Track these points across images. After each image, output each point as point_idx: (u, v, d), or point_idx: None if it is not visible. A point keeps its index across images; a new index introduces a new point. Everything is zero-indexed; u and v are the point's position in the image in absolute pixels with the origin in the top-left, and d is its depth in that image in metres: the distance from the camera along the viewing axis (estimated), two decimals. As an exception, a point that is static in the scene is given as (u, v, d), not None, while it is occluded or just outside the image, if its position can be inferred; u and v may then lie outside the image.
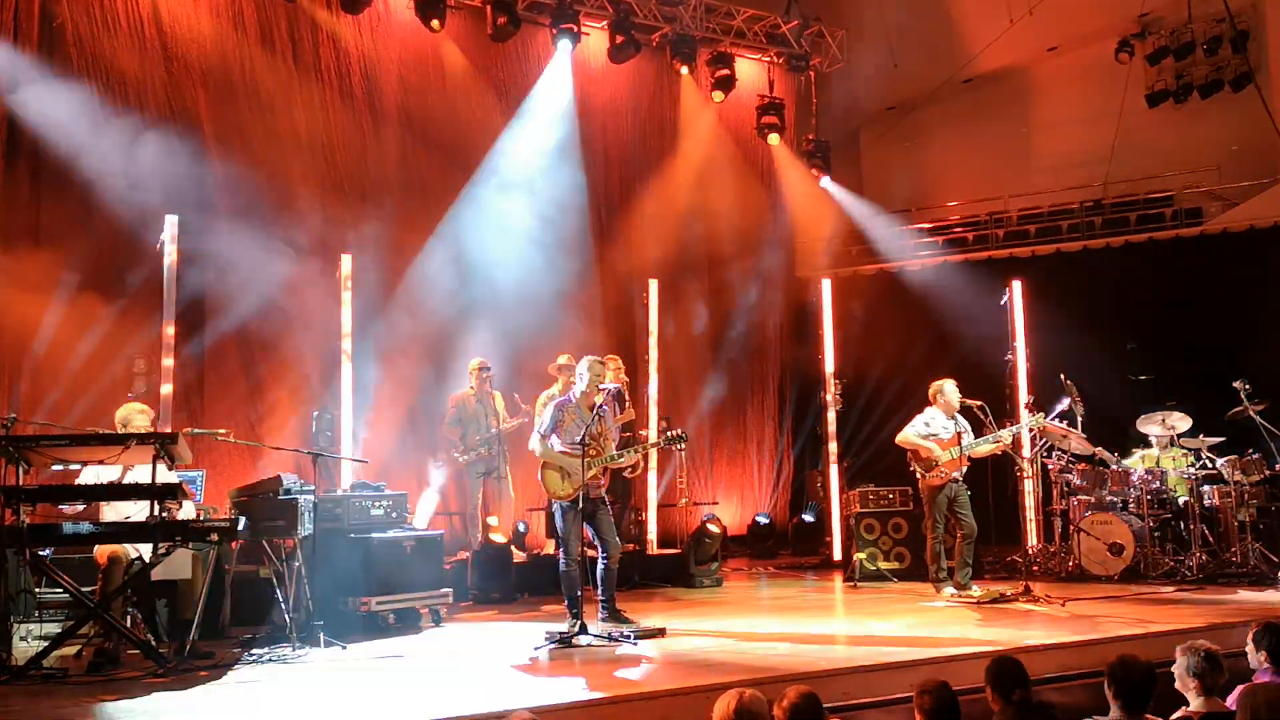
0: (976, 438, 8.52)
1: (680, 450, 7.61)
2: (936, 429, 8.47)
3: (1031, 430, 9.43)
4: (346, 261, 9.64)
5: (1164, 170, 14.29)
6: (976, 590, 8.25)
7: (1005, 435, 8.55)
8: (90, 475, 6.32)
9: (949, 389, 8.53)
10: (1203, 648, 4.22)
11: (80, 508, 6.25)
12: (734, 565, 11.40)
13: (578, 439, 6.76)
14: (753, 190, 13.52)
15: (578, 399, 7.07)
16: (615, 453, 7.10)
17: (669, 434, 7.38)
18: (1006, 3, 13.73)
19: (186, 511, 6.44)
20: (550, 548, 9.66)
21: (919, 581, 9.08)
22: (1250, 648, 4.57)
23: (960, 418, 8.55)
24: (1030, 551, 10.10)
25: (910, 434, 8.53)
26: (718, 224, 13.02)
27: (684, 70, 12.63)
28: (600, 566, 7.08)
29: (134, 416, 6.53)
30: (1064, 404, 9.83)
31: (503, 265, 11.16)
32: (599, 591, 7.08)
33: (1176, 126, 14.77)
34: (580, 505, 6.79)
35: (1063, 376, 9.94)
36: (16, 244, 8.76)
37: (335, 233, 10.10)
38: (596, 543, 7.13)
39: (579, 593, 6.81)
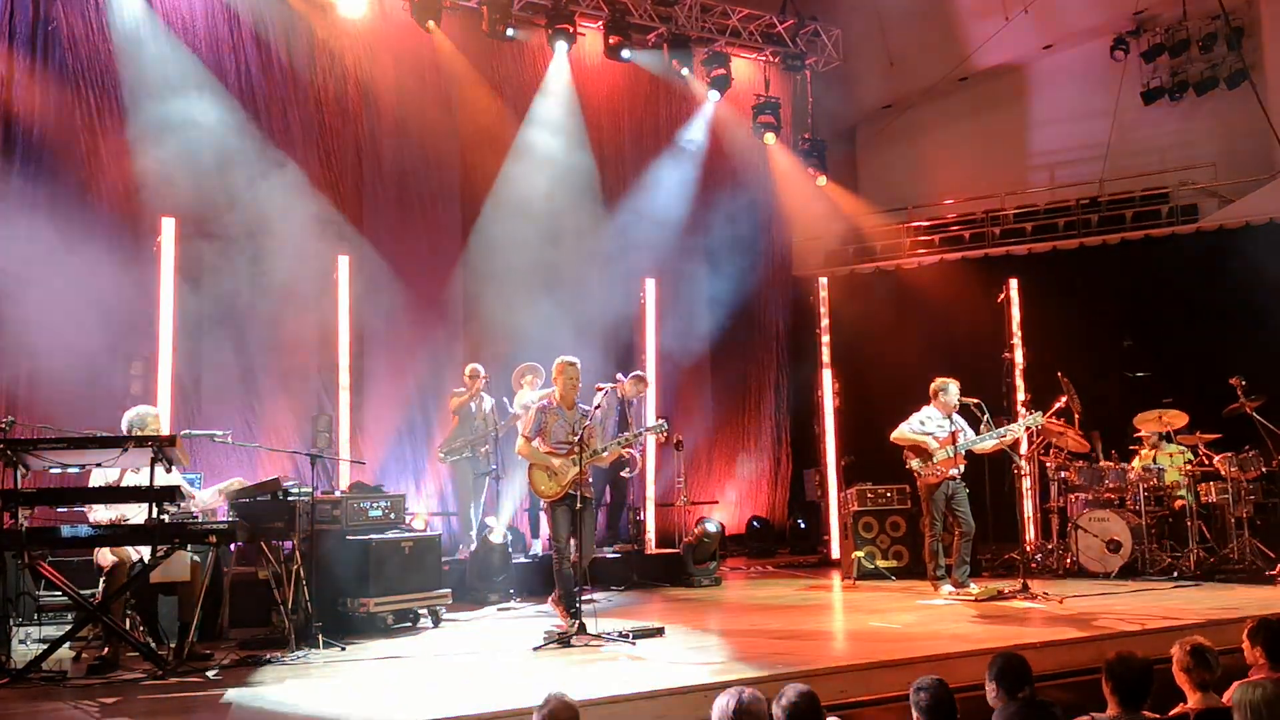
0: (975, 435, 8.53)
1: (662, 437, 7.70)
2: (932, 428, 8.48)
3: (1029, 429, 9.46)
4: (344, 262, 9.65)
5: (1160, 167, 14.30)
6: (975, 588, 8.26)
7: (1016, 428, 8.55)
8: (100, 477, 6.32)
9: (952, 389, 8.51)
10: (1198, 644, 4.23)
11: (102, 510, 6.26)
12: (732, 564, 11.41)
13: (562, 439, 6.97)
14: (749, 190, 13.52)
15: (558, 401, 7.21)
16: (598, 448, 7.19)
17: (651, 425, 7.51)
18: (1002, 1, 13.75)
19: (202, 499, 6.46)
20: (537, 548, 9.69)
21: (917, 579, 9.09)
22: (1245, 644, 4.58)
23: (957, 417, 8.56)
24: (1028, 549, 10.12)
25: (905, 430, 8.55)
26: (714, 223, 13.02)
27: (680, 70, 12.63)
28: (574, 568, 7.16)
29: (149, 420, 6.52)
30: (1061, 402, 9.86)
31: (499, 264, 11.17)
32: (563, 587, 7.17)
33: (1172, 124, 14.77)
34: (570, 503, 6.93)
35: (1060, 374, 9.97)
36: (13, 245, 8.76)
37: (333, 234, 10.10)
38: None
39: (574, 590, 6.90)
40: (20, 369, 8.82)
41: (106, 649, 6.02)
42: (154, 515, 5.82)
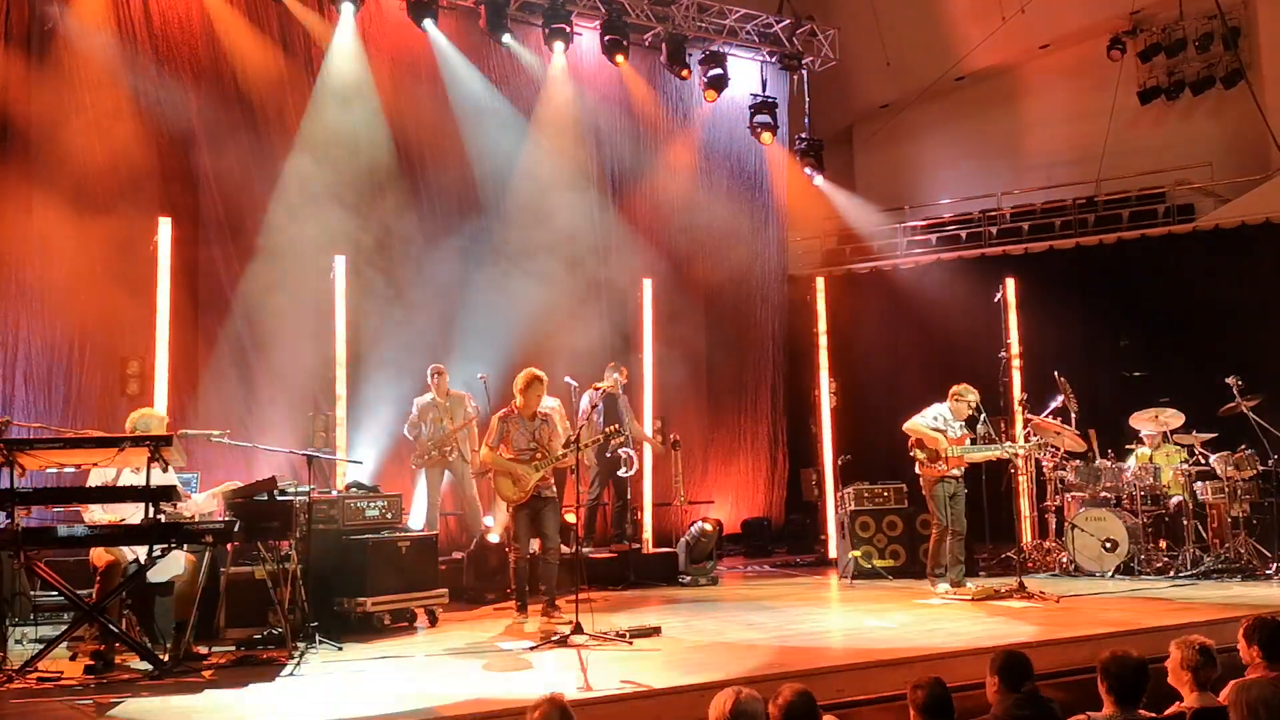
0: (972, 438, 8.53)
1: (615, 439, 7.94)
2: (942, 425, 8.49)
3: (1028, 453, 9.50)
4: (340, 262, 9.64)
5: (1156, 167, 14.32)
6: (971, 585, 8.27)
7: (1012, 448, 8.61)
8: (98, 477, 6.31)
9: (971, 398, 8.52)
10: (1197, 642, 4.24)
11: (98, 511, 6.24)
12: (729, 564, 11.41)
13: (524, 446, 7.39)
14: (746, 189, 13.52)
15: (518, 410, 7.52)
16: (559, 453, 7.45)
17: (606, 430, 7.92)
18: (999, 1, 13.77)
19: (197, 503, 6.46)
20: (533, 546, 9.69)
21: (914, 579, 9.10)
22: (1241, 643, 4.58)
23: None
24: (1025, 548, 10.14)
25: (920, 423, 8.53)
26: (711, 223, 13.02)
27: (676, 70, 12.62)
28: (541, 561, 7.59)
29: (153, 424, 6.50)
30: (1058, 401, 9.87)
31: (498, 263, 11.16)
32: (540, 582, 7.59)
33: (1168, 123, 14.82)
34: (533, 504, 7.39)
35: (1057, 374, 9.98)
36: (9, 246, 8.75)
37: (329, 233, 10.08)
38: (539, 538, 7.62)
39: (525, 586, 7.50)
40: (16, 368, 8.81)
41: (103, 649, 6.00)
42: (150, 515, 5.81)
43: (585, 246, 11.92)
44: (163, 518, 5.86)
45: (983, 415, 8.57)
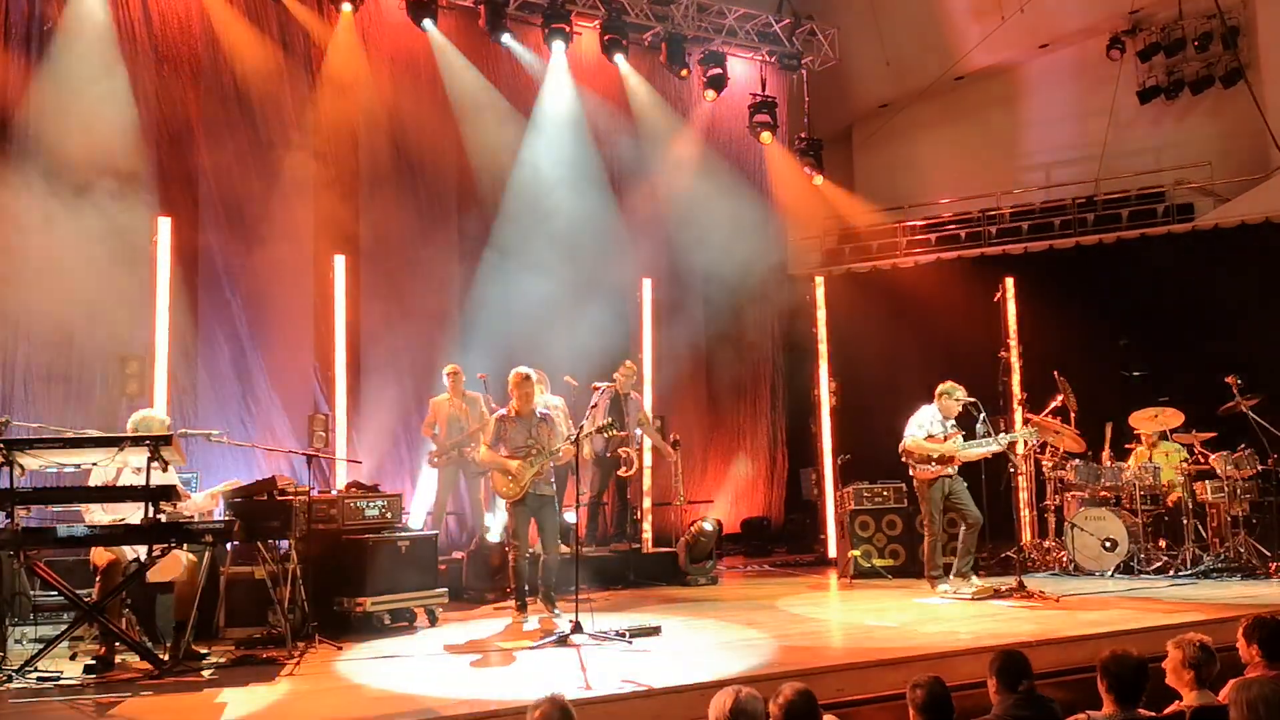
0: (968, 437, 8.51)
1: (608, 433, 7.96)
2: (934, 429, 8.47)
3: (1029, 444, 9.48)
4: (340, 262, 9.65)
5: (1155, 166, 14.32)
6: (976, 581, 8.26)
7: (1006, 439, 8.58)
8: (99, 477, 6.31)
9: (958, 395, 8.49)
10: (1197, 640, 4.24)
11: (99, 512, 6.23)
12: (729, 563, 11.41)
13: (521, 444, 7.44)
14: (745, 189, 13.52)
15: (514, 410, 7.59)
16: (553, 450, 7.49)
17: (600, 424, 7.86)
18: (998, 1, 13.77)
19: (196, 502, 6.46)
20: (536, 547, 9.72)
21: (914, 578, 9.09)
22: (1241, 642, 4.59)
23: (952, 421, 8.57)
24: (1024, 547, 10.14)
25: (918, 438, 8.44)
26: (711, 223, 13.03)
27: (676, 69, 12.62)
28: (541, 560, 7.65)
29: (154, 426, 6.49)
30: (1057, 400, 9.87)
31: (496, 264, 11.17)
32: (540, 580, 7.64)
33: (1168, 123, 14.80)
34: (529, 502, 7.44)
35: (1057, 374, 9.98)
36: (7, 246, 8.74)
37: (329, 234, 10.09)
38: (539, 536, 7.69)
39: (525, 585, 7.58)
40: (16, 368, 8.81)
41: (103, 649, 6.01)
42: (150, 515, 5.81)
43: (585, 245, 11.91)
44: (163, 517, 5.87)
45: (982, 415, 8.55)
